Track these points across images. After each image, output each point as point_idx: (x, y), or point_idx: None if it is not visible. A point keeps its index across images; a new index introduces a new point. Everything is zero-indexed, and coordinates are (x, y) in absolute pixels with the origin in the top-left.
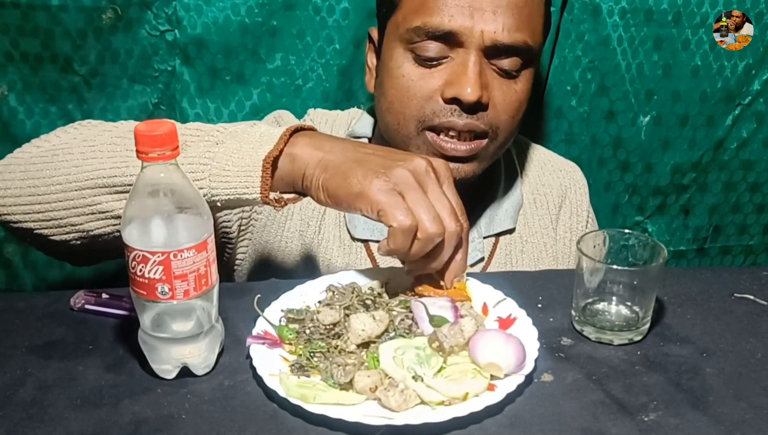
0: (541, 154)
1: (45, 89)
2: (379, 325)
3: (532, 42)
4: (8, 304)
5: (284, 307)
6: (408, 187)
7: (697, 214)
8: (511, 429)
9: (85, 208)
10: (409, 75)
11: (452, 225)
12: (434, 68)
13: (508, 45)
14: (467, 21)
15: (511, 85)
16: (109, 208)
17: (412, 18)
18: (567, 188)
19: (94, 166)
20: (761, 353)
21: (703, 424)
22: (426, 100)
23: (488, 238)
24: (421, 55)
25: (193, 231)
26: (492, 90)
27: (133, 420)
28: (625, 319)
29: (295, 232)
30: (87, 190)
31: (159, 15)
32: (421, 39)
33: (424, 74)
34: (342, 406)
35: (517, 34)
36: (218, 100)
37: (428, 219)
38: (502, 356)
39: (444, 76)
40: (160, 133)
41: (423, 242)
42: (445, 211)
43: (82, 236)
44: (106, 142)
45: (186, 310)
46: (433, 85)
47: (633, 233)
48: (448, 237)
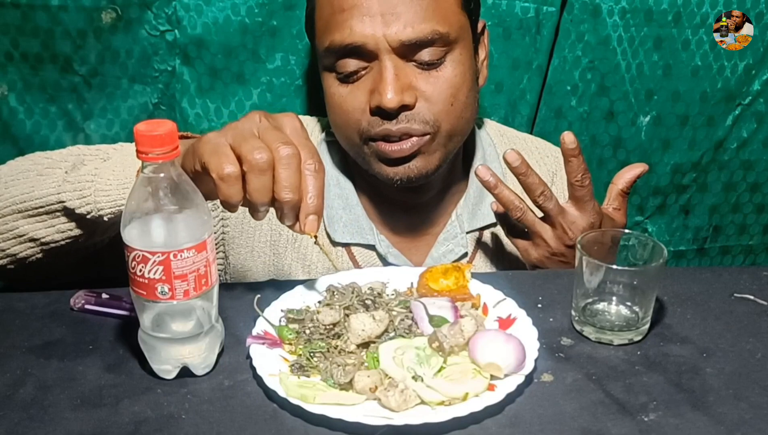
0: (530, 142)
1: (45, 89)
2: (379, 325)
3: (444, 28)
4: (8, 304)
5: (284, 308)
6: (235, 135)
7: (697, 214)
8: (511, 429)
9: (8, 233)
10: (339, 94)
11: (283, 149)
12: (358, 82)
13: (415, 40)
14: (367, 29)
15: (438, 75)
16: (25, 232)
17: (323, 39)
18: (554, 173)
19: (11, 193)
20: (761, 353)
21: (703, 424)
22: (360, 113)
23: (472, 233)
24: (342, 72)
25: (193, 231)
26: (418, 86)
27: (133, 420)
28: (625, 319)
29: (266, 242)
30: (8, 216)
31: (159, 15)
32: (336, 58)
33: (350, 90)
34: (342, 406)
35: (423, 26)
36: (218, 100)
37: (250, 149)
38: (502, 356)
39: (367, 87)
40: (160, 133)
41: (253, 175)
42: (275, 142)
43: (12, 261)
44: (23, 170)
45: (186, 310)
46: (360, 99)
47: (633, 233)
48: (278, 160)
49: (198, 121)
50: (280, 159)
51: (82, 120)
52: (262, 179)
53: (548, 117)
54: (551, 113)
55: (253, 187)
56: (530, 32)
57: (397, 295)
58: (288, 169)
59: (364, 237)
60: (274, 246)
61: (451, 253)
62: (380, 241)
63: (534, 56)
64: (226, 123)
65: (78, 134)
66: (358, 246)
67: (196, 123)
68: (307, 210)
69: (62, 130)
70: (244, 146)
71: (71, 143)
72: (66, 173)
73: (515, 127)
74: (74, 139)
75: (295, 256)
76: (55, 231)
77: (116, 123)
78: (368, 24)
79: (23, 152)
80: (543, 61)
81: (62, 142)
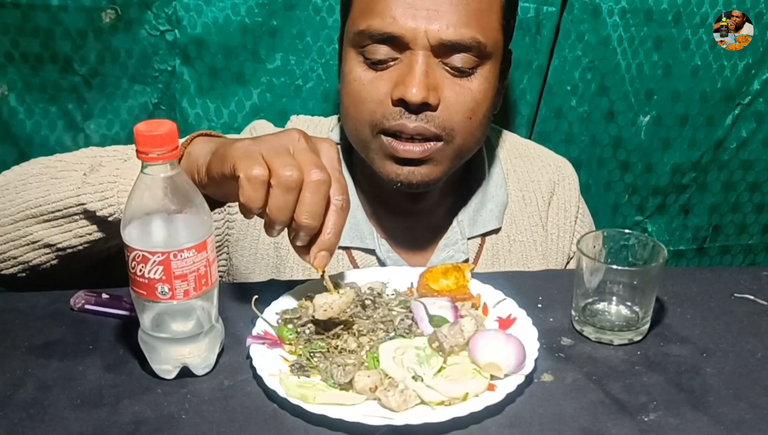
0: (531, 150)
1: (45, 89)
2: (343, 298)
3: (483, 38)
4: (8, 304)
5: (279, 309)
6: (270, 147)
7: (697, 214)
8: (511, 429)
9: (20, 239)
10: (360, 79)
11: (315, 173)
12: (384, 71)
13: (455, 42)
14: (410, 22)
15: (465, 84)
16: (39, 238)
17: (359, 21)
18: (556, 184)
19: (23, 198)
20: (761, 353)
21: (703, 424)
22: (377, 104)
23: (473, 239)
24: (371, 58)
25: (193, 231)
26: (443, 90)
27: (133, 420)
28: (625, 319)
29: (270, 244)
30: (20, 222)
31: (159, 15)
32: (368, 42)
33: (374, 78)
34: (342, 406)
35: (464, 30)
36: (218, 100)
37: (282, 164)
38: (502, 356)
39: (393, 78)
40: (160, 133)
41: (279, 190)
42: (308, 164)
43: (25, 268)
44: (35, 174)
45: (186, 310)
46: (383, 88)
47: (633, 233)
48: (307, 183)
49: (198, 121)
50: (309, 182)
51: (82, 120)
52: (287, 198)
53: (548, 117)
54: (551, 113)
55: (275, 203)
56: (530, 32)
57: (397, 295)
58: (315, 195)
59: (364, 241)
60: (277, 249)
61: (452, 259)
62: (380, 245)
63: (534, 56)
64: (226, 123)
65: (78, 134)
66: (358, 250)
67: (196, 123)
68: (321, 244)
69: (62, 130)
70: (276, 160)
71: (71, 143)
72: (84, 175)
73: (515, 128)
74: (74, 139)
75: (297, 260)
76: (72, 235)
77: (116, 123)
78: (412, 16)
79: (23, 152)
80: (543, 61)
81: (62, 142)
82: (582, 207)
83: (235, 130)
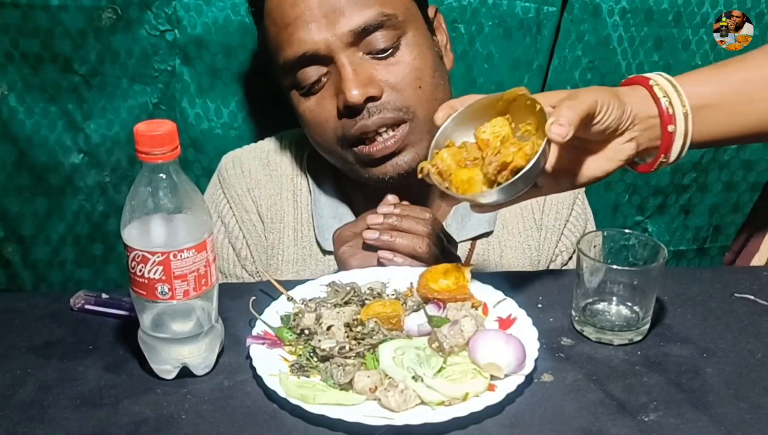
0: None
1: (45, 89)
2: None
3: (389, 9)
4: (8, 304)
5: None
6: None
7: (698, 214)
8: (511, 429)
9: None
10: (308, 108)
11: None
12: (322, 90)
13: (364, 25)
14: (314, 35)
15: (396, 60)
16: None
17: (277, 60)
18: None
19: None
20: (761, 353)
21: (703, 424)
22: (332, 121)
23: (464, 243)
24: (306, 85)
25: (193, 231)
26: (380, 77)
27: (133, 420)
28: (625, 319)
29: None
30: None
31: (159, 15)
32: (295, 71)
33: (317, 100)
34: (342, 406)
35: (367, 10)
36: (218, 100)
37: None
38: (502, 356)
39: (332, 92)
40: (160, 133)
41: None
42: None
43: None
44: None
45: (186, 310)
46: (329, 105)
47: (633, 233)
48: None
49: (198, 121)
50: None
51: (82, 120)
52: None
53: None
54: None
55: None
56: (531, 32)
57: (397, 295)
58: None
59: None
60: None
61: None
62: None
63: (534, 56)
64: (226, 123)
65: (78, 134)
66: None
67: (196, 123)
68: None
69: (62, 130)
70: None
71: (71, 143)
72: None
73: None
74: (74, 139)
75: (287, 268)
76: None
77: (116, 123)
78: (314, 29)
79: (23, 152)
80: (543, 61)
81: (62, 142)
82: (577, 209)
83: (235, 130)
